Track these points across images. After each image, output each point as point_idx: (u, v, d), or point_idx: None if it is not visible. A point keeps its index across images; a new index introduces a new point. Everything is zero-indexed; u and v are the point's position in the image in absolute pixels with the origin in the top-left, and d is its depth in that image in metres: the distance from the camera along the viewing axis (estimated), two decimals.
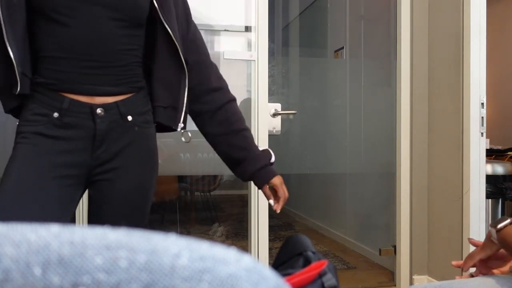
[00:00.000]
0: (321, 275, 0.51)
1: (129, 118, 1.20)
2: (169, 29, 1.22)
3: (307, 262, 0.53)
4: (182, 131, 1.32)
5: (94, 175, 1.20)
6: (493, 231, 0.97)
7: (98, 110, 1.16)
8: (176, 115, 1.29)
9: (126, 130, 1.20)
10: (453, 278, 1.07)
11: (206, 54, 1.37)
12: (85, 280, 0.27)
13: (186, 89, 1.29)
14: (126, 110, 1.19)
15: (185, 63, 1.27)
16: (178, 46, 1.23)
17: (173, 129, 1.32)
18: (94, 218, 1.24)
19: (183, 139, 1.34)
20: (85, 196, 1.50)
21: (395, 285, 2.75)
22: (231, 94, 1.41)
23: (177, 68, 1.27)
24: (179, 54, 1.25)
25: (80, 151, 1.17)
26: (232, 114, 1.36)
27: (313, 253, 0.54)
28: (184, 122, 1.31)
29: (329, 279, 0.50)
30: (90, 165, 1.18)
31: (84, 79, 1.16)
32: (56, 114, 1.14)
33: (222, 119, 1.35)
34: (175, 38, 1.22)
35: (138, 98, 1.23)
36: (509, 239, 0.94)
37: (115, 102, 1.18)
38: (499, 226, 0.96)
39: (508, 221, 0.96)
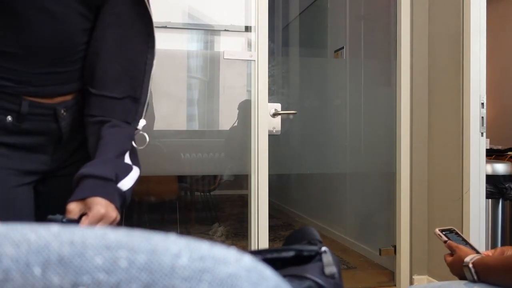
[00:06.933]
0: (320, 253, 0.51)
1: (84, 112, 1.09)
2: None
3: (312, 245, 0.53)
4: (141, 131, 1.12)
5: (51, 173, 1.09)
6: (470, 270, 0.99)
7: (62, 111, 1.05)
8: (137, 108, 1.09)
9: (82, 125, 1.09)
10: (453, 278, 1.07)
11: None
12: (85, 280, 0.27)
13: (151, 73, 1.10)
14: (82, 105, 1.09)
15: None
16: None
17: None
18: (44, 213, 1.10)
19: (134, 144, 1.08)
20: None
21: (395, 285, 2.75)
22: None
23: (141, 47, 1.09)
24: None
25: (42, 158, 1.06)
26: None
27: (320, 242, 0.54)
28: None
29: (329, 264, 0.49)
30: (50, 167, 1.08)
31: (46, 79, 1.01)
32: (9, 118, 0.99)
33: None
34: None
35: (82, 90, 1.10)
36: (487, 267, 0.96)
37: (74, 99, 1.07)
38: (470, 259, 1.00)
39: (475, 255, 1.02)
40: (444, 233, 1.16)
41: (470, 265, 0.98)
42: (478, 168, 2.33)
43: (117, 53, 1.06)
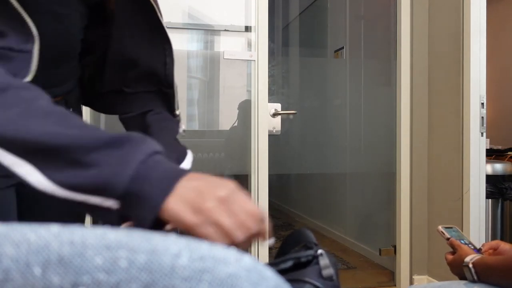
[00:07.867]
0: (317, 256, 0.51)
1: (70, 110, 1.07)
2: None
3: (309, 250, 0.53)
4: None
5: None
6: (470, 270, 0.99)
7: None
8: (170, 100, 1.09)
9: None
10: (453, 278, 1.07)
11: None
12: (85, 280, 0.27)
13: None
14: (71, 105, 1.08)
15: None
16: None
17: None
18: (32, 217, 1.06)
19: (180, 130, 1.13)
20: None
21: (395, 285, 2.75)
22: None
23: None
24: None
25: None
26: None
27: (316, 244, 0.54)
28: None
29: (326, 266, 0.50)
30: None
31: (40, 84, 1.04)
32: None
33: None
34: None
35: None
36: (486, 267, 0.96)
37: (63, 100, 1.05)
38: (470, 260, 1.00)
39: (474, 255, 1.01)
40: (446, 230, 1.16)
41: (470, 265, 0.98)
42: (478, 168, 2.33)
43: (135, 49, 1.05)
